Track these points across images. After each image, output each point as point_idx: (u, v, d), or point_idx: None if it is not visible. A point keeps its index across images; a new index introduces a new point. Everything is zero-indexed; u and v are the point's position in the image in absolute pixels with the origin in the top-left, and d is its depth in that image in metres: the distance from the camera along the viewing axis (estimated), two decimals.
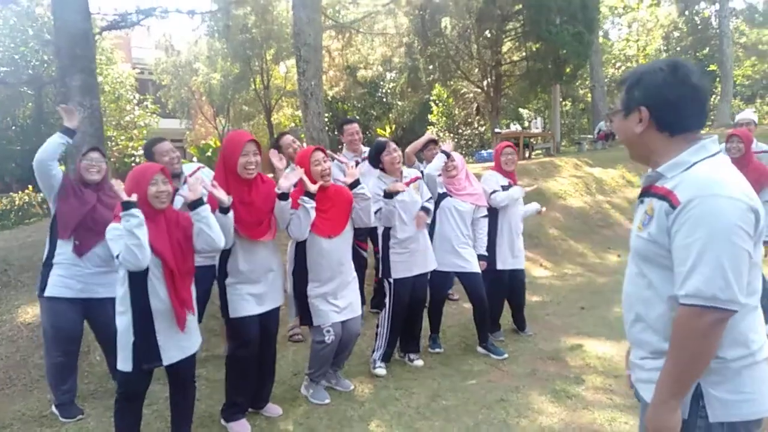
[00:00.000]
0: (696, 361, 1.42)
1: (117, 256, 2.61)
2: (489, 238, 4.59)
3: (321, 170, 3.44)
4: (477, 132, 20.30)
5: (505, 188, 4.58)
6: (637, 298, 1.62)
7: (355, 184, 3.56)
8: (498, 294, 4.69)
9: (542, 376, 3.94)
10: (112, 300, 2.87)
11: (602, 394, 3.64)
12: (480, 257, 4.44)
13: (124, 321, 2.76)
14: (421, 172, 4.56)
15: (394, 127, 21.83)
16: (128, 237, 2.56)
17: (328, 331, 3.53)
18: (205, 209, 2.83)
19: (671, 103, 1.52)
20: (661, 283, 1.52)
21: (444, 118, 20.64)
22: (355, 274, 3.73)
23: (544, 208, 5.19)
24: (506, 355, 4.32)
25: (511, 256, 4.63)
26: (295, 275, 3.58)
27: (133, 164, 17.71)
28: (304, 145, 4.78)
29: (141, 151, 18.12)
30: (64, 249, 3.43)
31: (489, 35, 16.43)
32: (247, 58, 20.72)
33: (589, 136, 19.27)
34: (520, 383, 3.83)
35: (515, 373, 4.04)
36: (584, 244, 8.29)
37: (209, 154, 20.38)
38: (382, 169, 4.08)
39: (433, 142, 5.44)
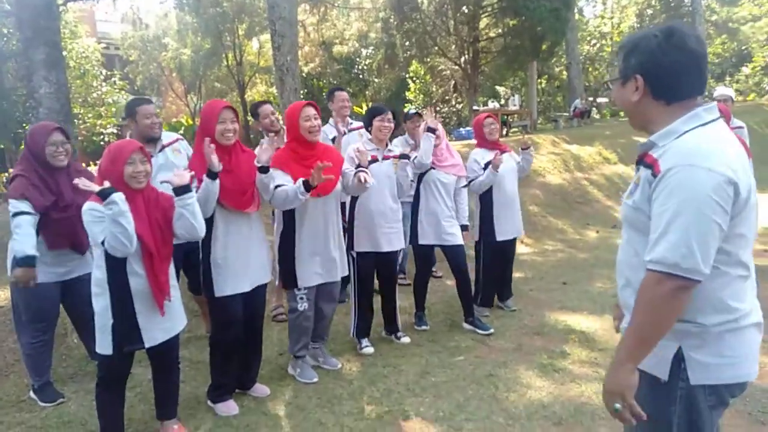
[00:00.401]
0: (656, 326, 1.43)
1: (102, 242, 2.50)
2: (484, 211, 4.60)
3: (309, 126, 3.37)
4: (455, 109, 20.25)
5: (487, 165, 4.56)
6: (626, 264, 1.64)
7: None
8: (496, 266, 4.71)
9: (529, 351, 3.97)
10: (87, 278, 2.77)
11: (588, 367, 3.68)
12: (462, 228, 4.44)
13: (101, 302, 2.65)
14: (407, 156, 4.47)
15: (370, 104, 21.64)
16: (113, 225, 2.44)
17: (302, 299, 3.50)
18: (191, 196, 2.73)
19: (666, 70, 1.50)
20: (643, 249, 1.52)
21: (421, 96, 20.52)
22: (342, 238, 3.67)
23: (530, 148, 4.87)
24: (492, 330, 4.33)
25: (511, 226, 4.65)
26: (282, 236, 3.52)
27: (102, 143, 17.17)
28: (281, 119, 4.62)
29: (110, 129, 17.59)
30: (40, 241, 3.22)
31: (466, 11, 16.30)
32: (219, 33, 20.17)
33: (564, 113, 19.42)
34: (507, 358, 3.85)
35: (502, 348, 4.05)
36: (564, 220, 8.37)
37: (181, 132, 19.89)
38: (369, 132, 4.07)
39: (418, 114, 5.37)
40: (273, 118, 4.41)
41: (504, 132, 14.84)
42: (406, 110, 5.33)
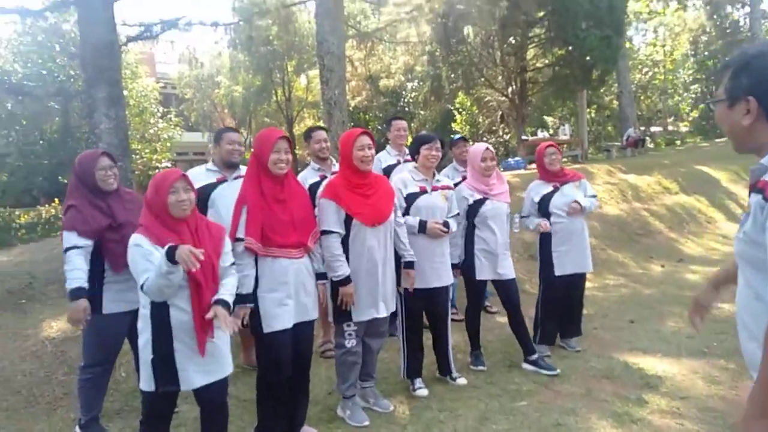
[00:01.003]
0: None
1: (141, 287, 2.44)
2: (543, 243, 4.37)
3: (362, 155, 3.26)
4: (502, 140, 19.98)
5: (548, 195, 4.33)
6: (746, 311, 1.43)
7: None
8: (556, 302, 4.41)
9: (599, 397, 3.62)
10: None
11: (670, 418, 3.30)
12: None
13: (144, 336, 2.55)
14: (455, 184, 4.32)
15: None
16: (162, 278, 2.37)
17: (350, 335, 3.34)
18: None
19: None
20: (765, 289, 1.33)
21: (468, 127, 20.37)
22: (394, 271, 3.48)
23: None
24: (558, 371, 4.00)
25: (572, 260, 4.34)
26: None
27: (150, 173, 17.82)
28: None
29: (165, 163, 18.22)
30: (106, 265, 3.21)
31: (513, 42, 16.20)
32: (269, 70, 20.80)
33: (616, 143, 18.86)
34: (575, 405, 3.51)
35: (569, 393, 3.71)
36: (624, 253, 7.91)
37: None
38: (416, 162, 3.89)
39: (463, 140, 5.20)
40: (324, 144, 4.33)
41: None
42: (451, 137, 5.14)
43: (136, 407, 3.71)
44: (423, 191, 3.76)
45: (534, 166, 15.11)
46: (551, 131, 20.18)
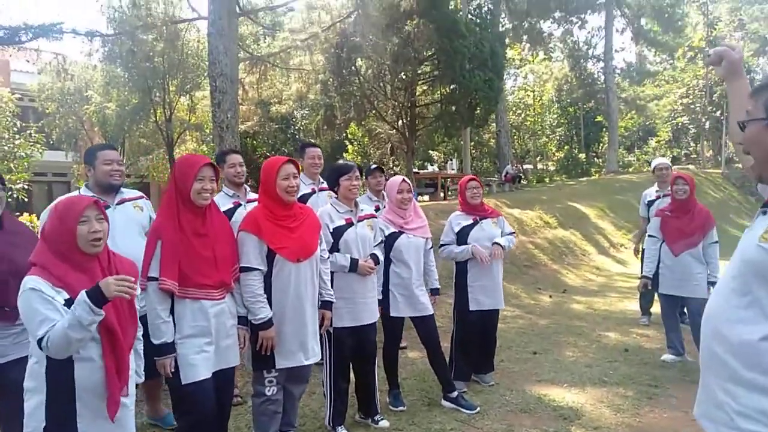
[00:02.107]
0: None
1: (40, 341, 1.96)
2: (459, 278, 4.35)
3: (287, 186, 3.02)
4: (392, 172, 20.43)
5: (468, 227, 4.36)
6: (723, 314, 1.41)
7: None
8: (471, 338, 4.39)
9: None
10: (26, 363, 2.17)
11: None
12: (434, 291, 4.15)
13: (34, 400, 2.08)
14: (375, 210, 4.23)
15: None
16: (76, 330, 1.92)
17: (270, 381, 3.05)
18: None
19: None
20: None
21: (359, 157, 20.59)
22: (317, 311, 3.25)
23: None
24: (478, 409, 3.97)
25: (487, 297, 4.35)
26: None
27: (9, 199, 15.67)
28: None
29: (20, 185, 16.14)
30: None
31: (404, 77, 16.76)
32: (148, 88, 19.45)
33: (494, 178, 20.11)
34: None
35: (491, 430, 3.68)
36: (516, 285, 8.30)
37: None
38: (336, 193, 3.69)
39: (379, 170, 5.12)
40: (240, 169, 4.00)
41: (442, 196, 15.05)
42: (367, 166, 5.03)
43: None
44: (349, 223, 3.59)
45: (424, 198, 15.61)
46: (435, 166, 21.05)
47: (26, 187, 16.06)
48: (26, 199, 15.29)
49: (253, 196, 4.08)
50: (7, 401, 2.79)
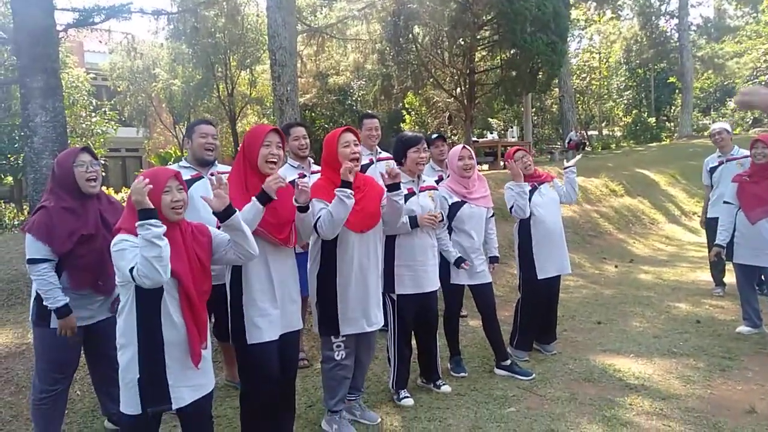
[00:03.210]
0: None
1: (131, 270, 2.15)
2: (523, 246, 4.31)
3: (351, 152, 3.06)
4: (450, 141, 20.19)
5: (528, 194, 4.29)
6: None
7: (394, 187, 3.18)
8: (538, 307, 4.37)
9: (584, 401, 3.61)
10: (114, 322, 2.41)
11: (657, 419, 3.33)
12: (492, 259, 4.16)
13: (127, 355, 2.30)
14: (437, 181, 4.24)
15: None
16: (147, 248, 2.12)
17: (338, 346, 3.16)
18: (238, 218, 2.44)
19: None
20: None
21: (416, 127, 20.45)
22: (381, 280, 3.32)
23: (573, 162, 4.61)
24: (534, 376, 3.97)
25: (553, 262, 4.30)
26: (320, 277, 3.15)
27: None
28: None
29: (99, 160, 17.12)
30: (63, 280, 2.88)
31: (462, 43, 16.36)
32: (211, 64, 20.01)
33: (556, 146, 19.48)
34: (563, 410, 3.48)
35: (554, 397, 3.69)
36: (580, 254, 8.11)
37: (170, 163, 19.52)
38: (402, 164, 3.69)
39: (441, 138, 5.10)
40: (304, 141, 4.10)
41: (502, 165, 14.73)
42: (428, 135, 5.00)
43: (95, 429, 3.39)
44: (411, 193, 3.62)
45: (484, 168, 15.37)
46: (494, 134, 20.59)
47: (104, 162, 17.06)
48: (104, 174, 16.25)
49: (316, 168, 4.15)
50: (100, 361, 3.10)
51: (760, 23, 28.16)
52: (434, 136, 5.05)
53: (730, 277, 5.59)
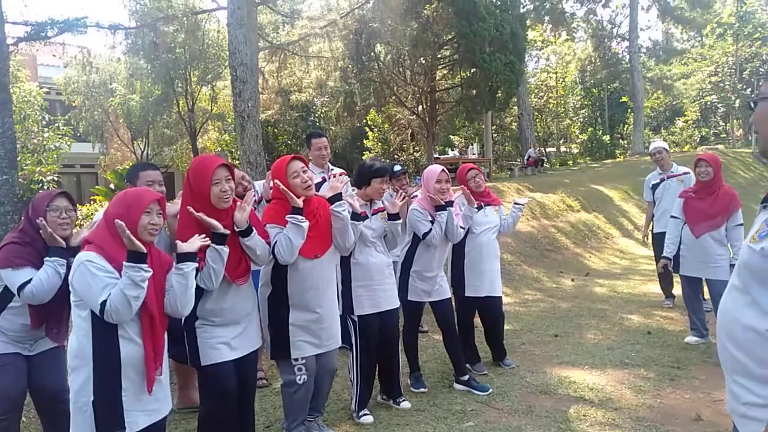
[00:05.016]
0: None
1: (102, 305, 2.13)
2: (455, 262, 4.38)
3: (302, 182, 3.04)
4: (413, 158, 20.40)
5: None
6: (729, 313, 1.42)
7: (335, 198, 3.18)
8: (466, 322, 4.47)
9: (541, 413, 3.68)
10: (55, 352, 2.35)
11: (609, 429, 3.42)
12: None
13: (80, 377, 2.23)
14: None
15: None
16: (131, 288, 2.12)
17: (300, 369, 3.12)
18: (193, 266, 2.40)
19: None
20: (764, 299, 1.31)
21: (379, 144, 20.59)
22: (336, 301, 3.33)
23: (524, 201, 4.93)
24: (491, 390, 4.03)
25: (481, 283, 4.37)
26: (270, 301, 3.13)
27: (40, 190, 16.10)
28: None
29: (50, 177, 16.57)
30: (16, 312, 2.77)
31: (423, 62, 16.63)
32: (170, 79, 19.71)
33: (516, 162, 19.93)
34: (520, 422, 3.54)
35: (511, 410, 3.74)
36: (538, 269, 8.29)
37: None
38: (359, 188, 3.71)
39: (404, 173, 5.12)
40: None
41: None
42: (390, 167, 5.03)
43: None
44: (364, 216, 3.63)
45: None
46: (456, 151, 20.92)
47: (56, 178, 16.50)
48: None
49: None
50: (44, 391, 2.96)
51: (704, 47, 29.70)
52: (397, 168, 4.98)
53: (679, 289, 5.82)
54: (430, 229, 3.87)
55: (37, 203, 2.80)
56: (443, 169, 4.05)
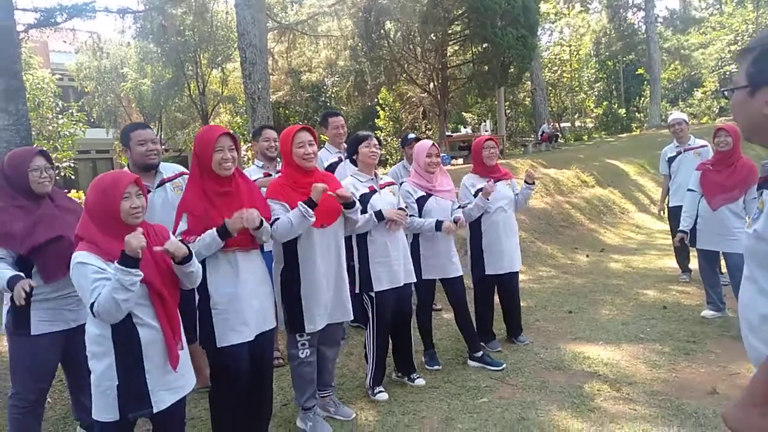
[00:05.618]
0: None
1: (91, 306, 2.14)
2: (473, 241, 4.36)
3: (303, 153, 3.06)
4: (424, 136, 20.26)
5: (478, 192, 4.29)
6: (748, 308, 1.38)
7: (350, 205, 3.22)
8: (487, 301, 4.47)
9: (555, 389, 3.69)
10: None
11: (623, 404, 3.42)
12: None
13: (102, 363, 2.25)
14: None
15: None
16: (120, 291, 2.10)
17: (303, 344, 3.17)
18: (193, 264, 2.42)
19: None
20: None
21: (391, 123, 20.47)
22: (345, 274, 3.34)
23: (535, 183, 4.78)
24: (504, 366, 4.05)
25: (501, 260, 4.36)
26: (283, 275, 3.17)
27: (57, 177, 16.29)
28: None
29: (66, 163, 16.77)
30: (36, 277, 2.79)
31: (434, 38, 16.42)
32: (181, 63, 19.72)
33: (530, 138, 19.72)
34: (534, 398, 3.56)
35: (525, 386, 3.76)
36: (552, 245, 8.24)
37: None
38: (355, 163, 3.75)
39: (416, 139, 5.14)
40: (274, 144, 4.10)
41: None
42: (404, 135, 5.04)
43: None
44: (373, 191, 3.64)
45: (458, 162, 15.47)
46: (468, 128, 20.74)
47: (72, 164, 16.69)
48: (73, 177, 15.88)
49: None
50: (79, 367, 3.02)
51: (723, 15, 28.85)
52: (410, 136, 5.06)
53: (695, 263, 5.76)
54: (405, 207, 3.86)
55: (18, 162, 2.80)
56: (433, 144, 4.09)
